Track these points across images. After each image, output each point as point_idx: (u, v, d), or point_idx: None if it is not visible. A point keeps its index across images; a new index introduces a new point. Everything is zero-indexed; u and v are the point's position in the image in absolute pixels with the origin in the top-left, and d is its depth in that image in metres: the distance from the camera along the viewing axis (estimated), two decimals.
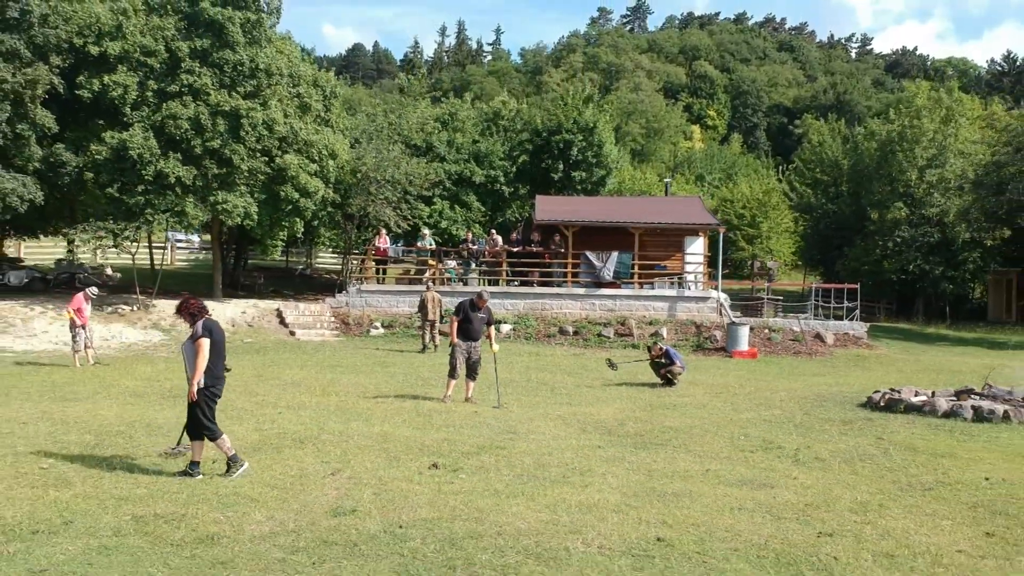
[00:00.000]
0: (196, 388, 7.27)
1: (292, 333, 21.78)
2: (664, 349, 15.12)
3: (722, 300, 24.32)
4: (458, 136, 32.95)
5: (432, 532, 5.87)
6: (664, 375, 14.68)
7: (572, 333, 22.45)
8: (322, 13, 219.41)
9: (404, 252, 28.44)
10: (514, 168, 33.07)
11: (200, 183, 21.98)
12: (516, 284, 25.09)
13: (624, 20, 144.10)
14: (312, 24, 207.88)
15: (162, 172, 21.28)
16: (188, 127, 21.52)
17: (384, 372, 15.47)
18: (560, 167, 32.04)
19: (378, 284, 25.64)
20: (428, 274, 25.19)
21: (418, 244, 27.20)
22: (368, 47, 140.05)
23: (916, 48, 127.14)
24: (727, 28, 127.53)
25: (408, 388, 13.35)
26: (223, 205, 22.11)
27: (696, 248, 25.78)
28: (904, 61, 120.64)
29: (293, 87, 24.50)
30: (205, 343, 7.33)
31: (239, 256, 31.99)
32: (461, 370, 12.10)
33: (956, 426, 10.94)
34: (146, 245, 30.32)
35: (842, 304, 26.03)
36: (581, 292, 24.18)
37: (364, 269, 26.51)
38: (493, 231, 27.90)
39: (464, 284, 24.81)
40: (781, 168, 62.72)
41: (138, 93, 21.86)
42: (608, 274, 24.36)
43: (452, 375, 12.07)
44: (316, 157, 24.11)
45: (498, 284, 24.97)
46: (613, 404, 12.41)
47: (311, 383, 13.47)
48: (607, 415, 11.26)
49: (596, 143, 32.33)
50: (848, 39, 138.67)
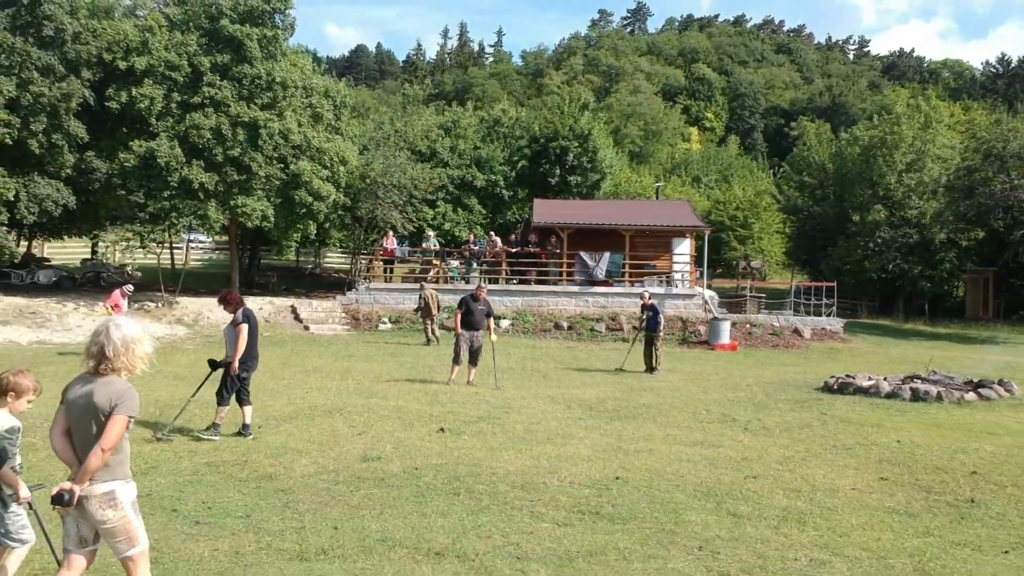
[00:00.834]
0: (236, 363, 8.95)
1: (306, 328, 23.43)
2: (652, 302, 17.35)
3: (707, 297, 25.97)
4: (460, 142, 34.62)
5: (441, 472, 7.54)
6: (650, 352, 16.47)
7: (567, 328, 24.11)
8: (325, 13, 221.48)
9: (410, 252, 30.11)
10: (513, 173, 34.75)
11: (221, 188, 23.65)
12: (515, 282, 26.76)
13: (624, 22, 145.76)
14: (315, 24, 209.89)
15: (186, 178, 22.95)
16: (210, 136, 23.18)
17: (394, 361, 17.13)
18: (557, 172, 33.73)
19: (385, 282, 27.32)
20: (432, 273, 26.87)
21: (423, 245, 28.93)
22: (371, 47, 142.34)
23: (913, 50, 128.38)
24: (726, 31, 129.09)
25: (416, 374, 15.01)
26: (242, 208, 23.78)
27: (683, 249, 27.44)
28: (900, 63, 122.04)
29: (306, 98, 26.18)
30: (245, 328, 9.07)
31: (253, 256, 33.69)
32: (464, 356, 13.76)
33: (894, 405, 12.56)
34: (167, 246, 31.99)
35: (821, 301, 27.67)
36: (575, 290, 25.83)
37: (372, 268, 28.20)
38: (492, 233, 29.58)
39: (466, 282, 26.45)
40: (776, 170, 64.21)
41: (163, 105, 23.51)
42: (601, 273, 26.05)
43: (456, 361, 13.74)
44: (328, 163, 25.78)
45: (498, 282, 26.61)
46: (597, 387, 14.06)
47: (330, 369, 15.13)
48: (590, 395, 12.91)
49: (591, 149, 34.03)
50: (845, 41, 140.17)
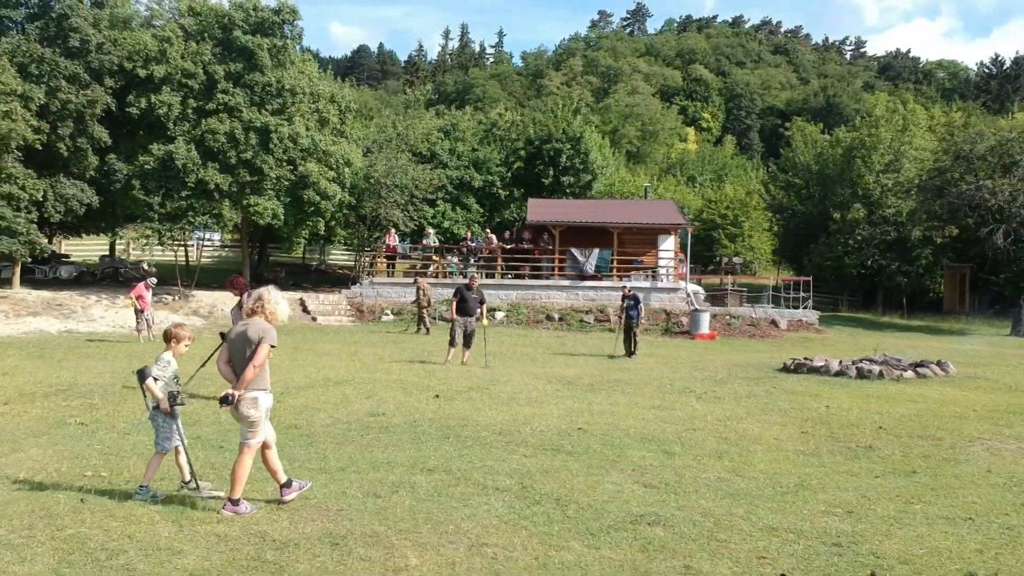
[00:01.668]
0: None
1: (314, 319, 25.08)
2: (633, 292, 18.80)
3: (690, 290, 27.59)
4: (459, 145, 36.24)
5: (434, 424, 9.18)
6: (629, 337, 18.04)
7: (558, 319, 25.74)
8: (327, 12, 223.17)
9: (411, 249, 31.77)
10: (509, 173, 36.39)
11: (235, 189, 25.31)
12: (509, 277, 28.41)
13: (624, 23, 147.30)
14: (319, 22, 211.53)
15: (202, 179, 24.62)
16: (224, 140, 24.84)
17: (396, 347, 18.77)
18: (551, 173, 35.38)
19: (388, 277, 28.99)
20: (432, 268, 28.54)
21: (423, 242, 30.61)
22: (373, 47, 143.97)
23: (910, 51, 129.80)
24: (723, 32, 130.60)
25: (416, 356, 16.64)
26: (255, 207, 25.45)
27: (668, 245, 29.07)
28: (896, 64, 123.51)
29: (313, 103, 27.83)
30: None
31: (263, 253, 35.38)
32: (459, 340, 15.40)
33: (839, 381, 14.18)
34: (182, 244, 33.66)
35: (800, 295, 29.27)
36: (566, 284, 27.48)
37: (376, 264, 29.87)
38: (488, 230, 31.23)
39: (464, 277, 28.09)
40: (769, 170, 65.71)
41: (180, 110, 25.17)
42: (591, 268, 27.71)
43: (452, 344, 15.39)
44: (334, 165, 27.44)
45: (493, 277, 28.26)
46: (577, 368, 15.67)
47: (339, 353, 16.77)
48: (570, 374, 14.54)
49: (583, 151, 35.66)
50: (842, 42, 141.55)
